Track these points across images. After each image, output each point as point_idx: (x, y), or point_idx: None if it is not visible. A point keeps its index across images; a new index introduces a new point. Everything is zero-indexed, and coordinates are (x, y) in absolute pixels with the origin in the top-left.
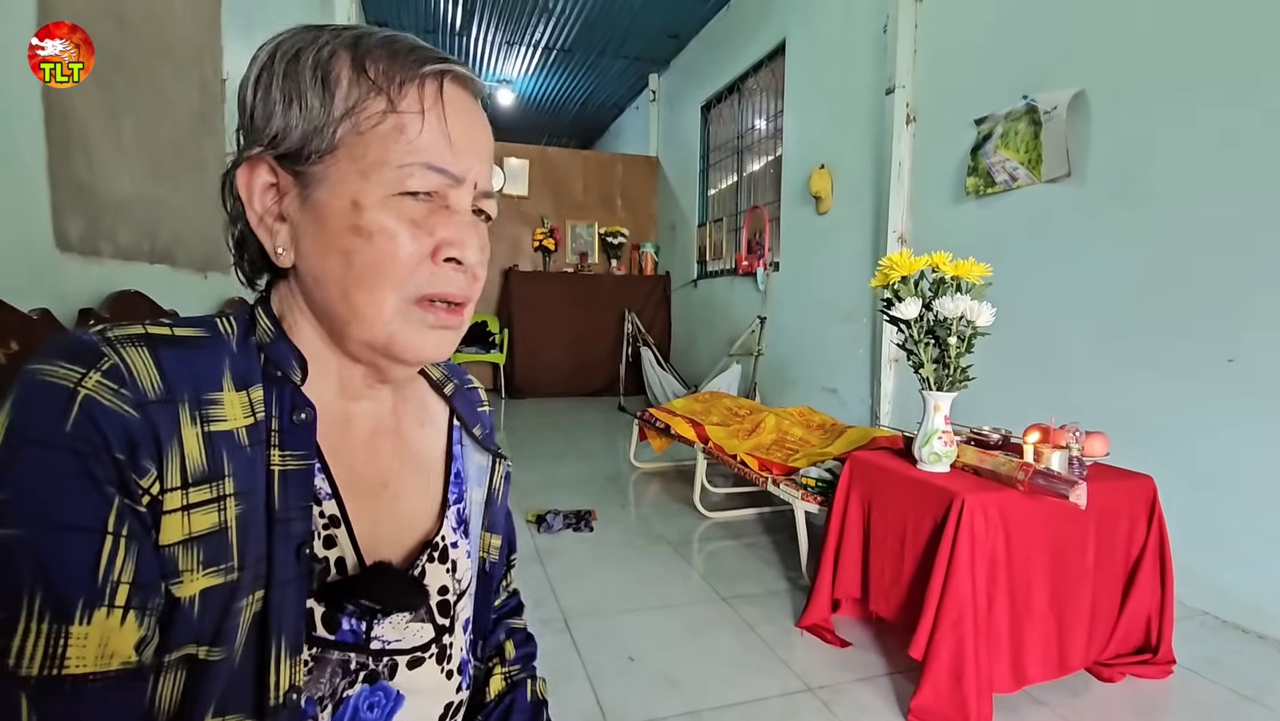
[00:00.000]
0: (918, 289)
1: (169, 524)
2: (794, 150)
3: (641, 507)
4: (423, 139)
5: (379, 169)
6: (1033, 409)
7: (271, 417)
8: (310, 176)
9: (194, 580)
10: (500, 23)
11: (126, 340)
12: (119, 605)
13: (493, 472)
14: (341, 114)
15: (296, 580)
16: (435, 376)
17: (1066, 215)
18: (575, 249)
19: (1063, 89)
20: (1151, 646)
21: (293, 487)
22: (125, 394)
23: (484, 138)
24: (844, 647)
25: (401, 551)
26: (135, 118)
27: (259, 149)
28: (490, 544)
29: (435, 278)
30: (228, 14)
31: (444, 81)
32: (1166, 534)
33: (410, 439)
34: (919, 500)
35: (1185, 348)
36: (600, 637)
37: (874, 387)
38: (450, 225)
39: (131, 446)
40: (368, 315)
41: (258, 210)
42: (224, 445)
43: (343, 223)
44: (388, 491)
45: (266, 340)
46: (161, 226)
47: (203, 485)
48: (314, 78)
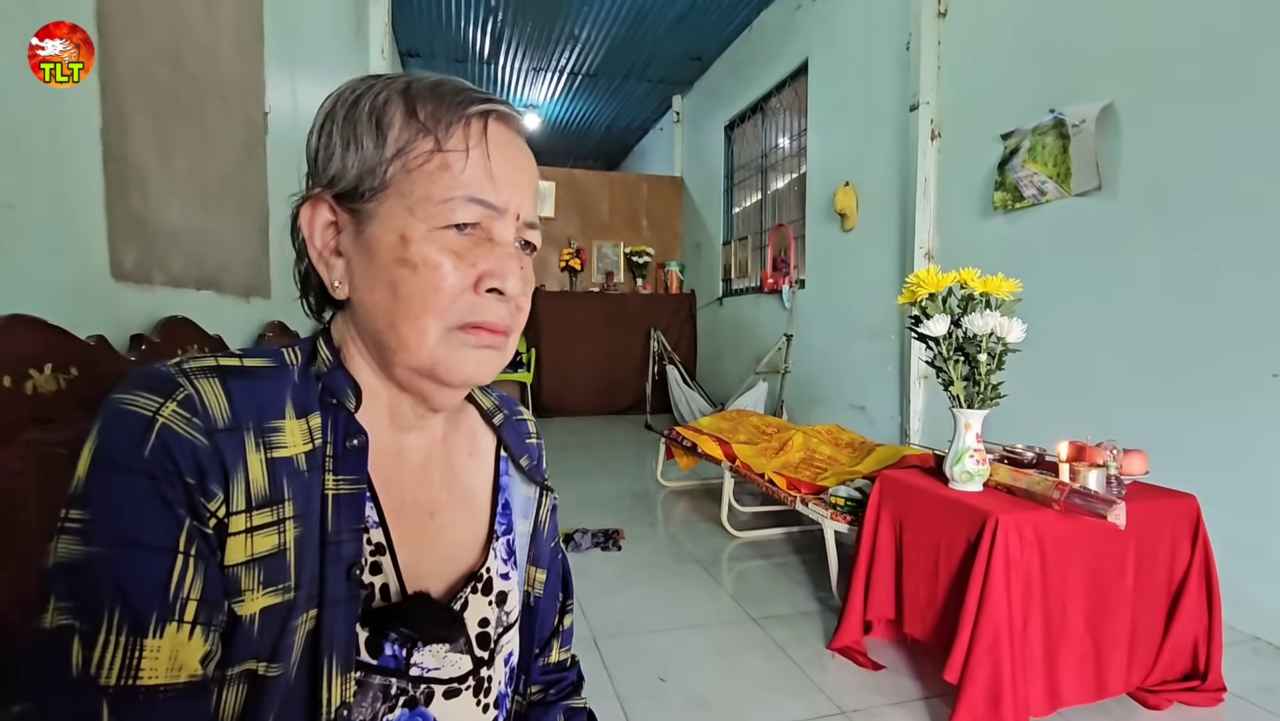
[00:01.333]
0: (946, 305)
1: (233, 545)
2: (818, 168)
3: (669, 526)
4: (466, 174)
5: (424, 204)
6: (1067, 426)
7: (327, 443)
8: (364, 214)
9: (254, 599)
10: (527, 51)
11: (200, 372)
12: (188, 620)
13: (539, 505)
14: (393, 154)
15: (346, 600)
16: (485, 406)
17: (1098, 229)
18: (601, 268)
19: (1091, 102)
20: (1200, 673)
21: (345, 511)
22: (197, 422)
23: (526, 172)
24: (877, 670)
25: (445, 581)
26: (185, 152)
27: (319, 189)
28: (535, 578)
29: (477, 307)
30: (270, 50)
31: (488, 120)
32: (1212, 555)
33: (459, 469)
34: (952, 520)
35: (1226, 362)
36: (630, 657)
37: (903, 405)
38: (492, 256)
39: (200, 472)
40: (411, 342)
41: (318, 246)
42: (284, 470)
43: (390, 255)
44: (434, 521)
45: (324, 369)
46: (208, 254)
47: (264, 509)
48: (369, 122)
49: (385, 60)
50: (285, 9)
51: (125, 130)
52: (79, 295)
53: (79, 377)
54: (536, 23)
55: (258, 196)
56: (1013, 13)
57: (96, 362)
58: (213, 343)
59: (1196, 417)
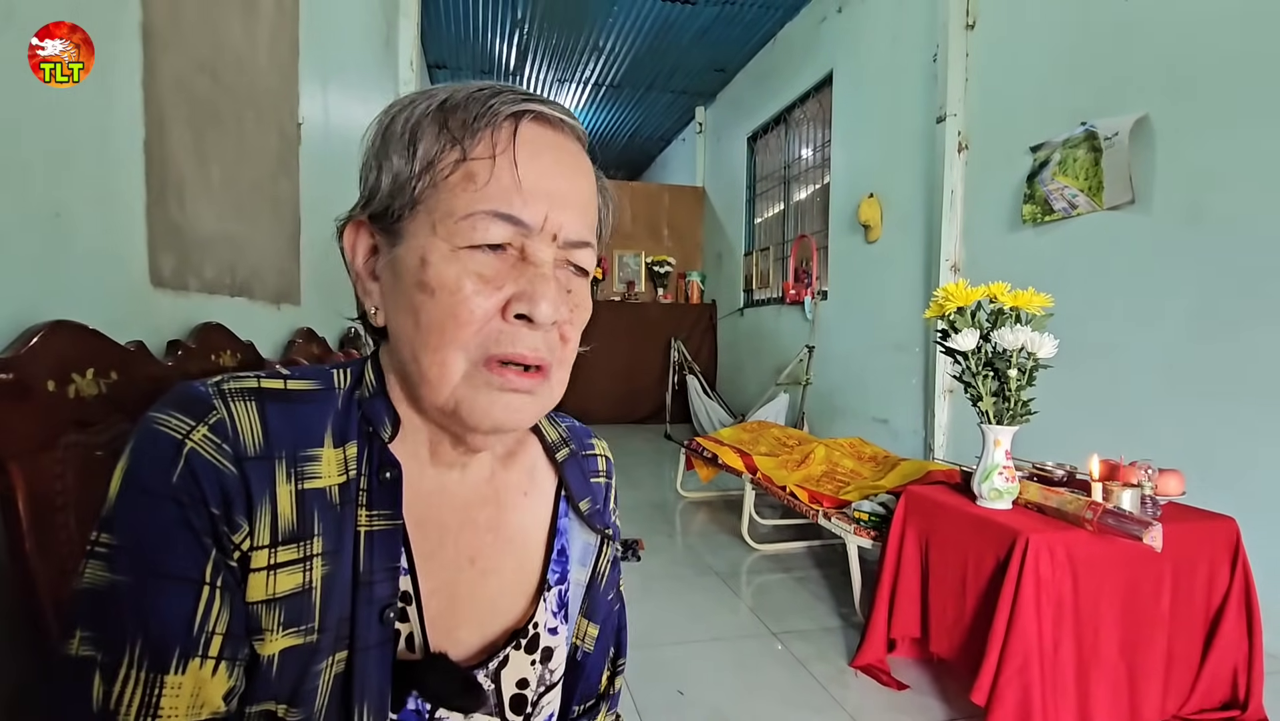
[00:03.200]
0: (975, 320)
1: (254, 581)
2: (842, 179)
3: (689, 537)
4: (491, 186)
5: (446, 221)
6: (1100, 444)
7: (361, 476)
8: (396, 235)
9: (274, 639)
10: (552, 62)
11: (238, 394)
12: (212, 655)
13: (600, 553)
14: (422, 169)
15: (379, 644)
16: (551, 438)
17: (1132, 243)
18: (623, 278)
19: (1124, 114)
20: (1239, 702)
21: (379, 549)
22: (226, 449)
23: (570, 181)
24: (901, 690)
25: (483, 635)
26: (221, 162)
27: (358, 210)
28: (587, 632)
29: (504, 336)
30: (304, 63)
31: (521, 123)
32: (1252, 580)
33: (510, 510)
34: (980, 538)
35: (1265, 379)
36: (649, 669)
37: (927, 419)
38: (523, 278)
39: (226, 501)
40: (433, 378)
41: (358, 269)
42: (316, 503)
43: (412, 279)
44: (475, 568)
45: (366, 395)
46: (241, 262)
47: (290, 544)
48: (403, 138)
49: (414, 72)
50: (319, 23)
51: (166, 140)
52: (120, 301)
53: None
54: (562, 34)
55: (290, 205)
56: (1043, 25)
57: (135, 367)
58: (244, 349)
59: (1235, 437)
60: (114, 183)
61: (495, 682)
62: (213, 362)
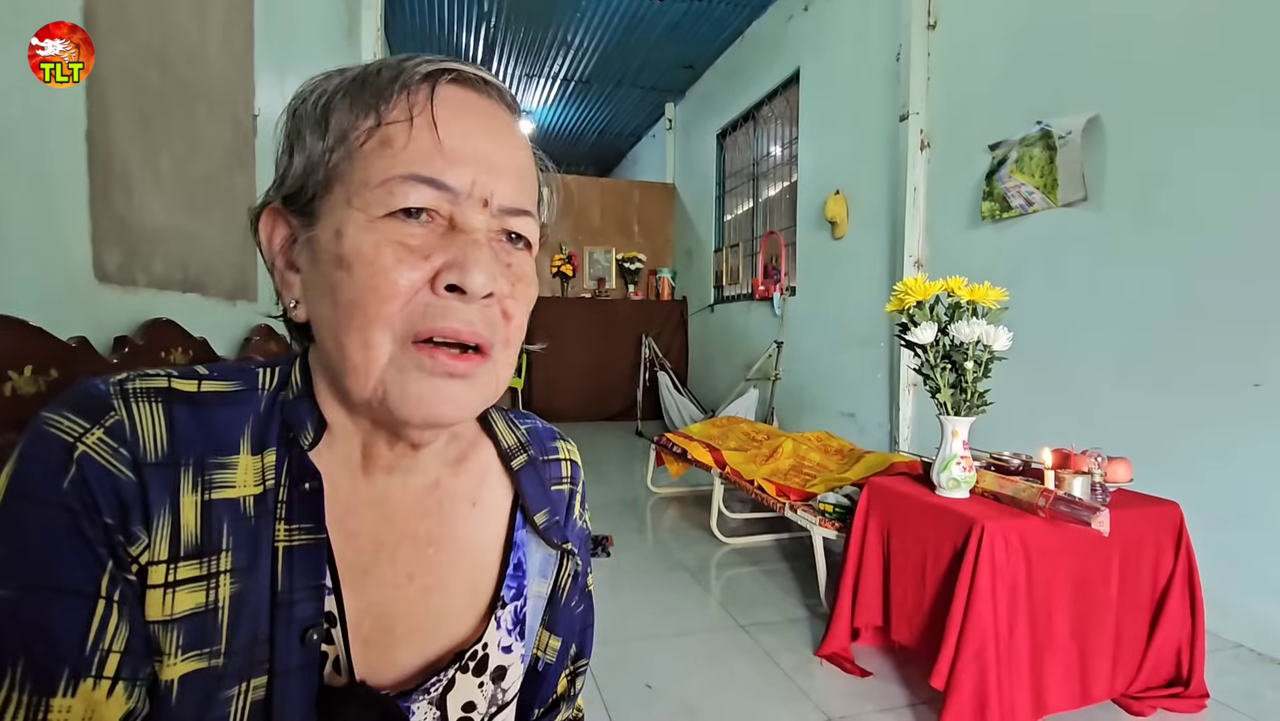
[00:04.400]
0: (933, 313)
1: (151, 599)
2: (809, 176)
3: (659, 533)
4: (409, 149)
5: (362, 190)
6: (1054, 434)
7: (280, 486)
8: (312, 215)
9: (173, 664)
10: (520, 56)
11: (142, 394)
12: (108, 675)
13: (560, 567)
14: (335, 141)
15: (302, 668)
16: (507, 444)
17: (1084, 239)
18: (593, 274)
19: (1077, 114)
20: (1183, 679)
21: (299, 566)
22: (124, 454)
23: (499, 144)
24: (864, 677)
25: (424, 656)
26: (171, 153)
27: (272, 194)
28: (549, 644)
29: (432, 310)
30: (260, 54)
31: (439, 83)
32: (1195, 563)
33: (455, 521)
34: (939, 526)
35: (1209, 372)
36: (617, 665)
37: (892, 412)
38: (453, 246)
39: (123, 510)
40: (357, 363)
41: (275, 263)
42: (226, 515)
43: (328, 256)
44: (414, 584)
45: (289, 398)
46: (193, 256)
47: (192, 560)
48: (314, 114)
49: None
50: (276, 13)
51: (110, 131)
52: (61, 297)
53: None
54: (529, 28)
55: (245, 199)
56: (1001, 26)
57: (78, 364)
58: (197, 345)
59: (1180, 426)
60: (53, 173)
61: (440, 708)
62: (162, 359)
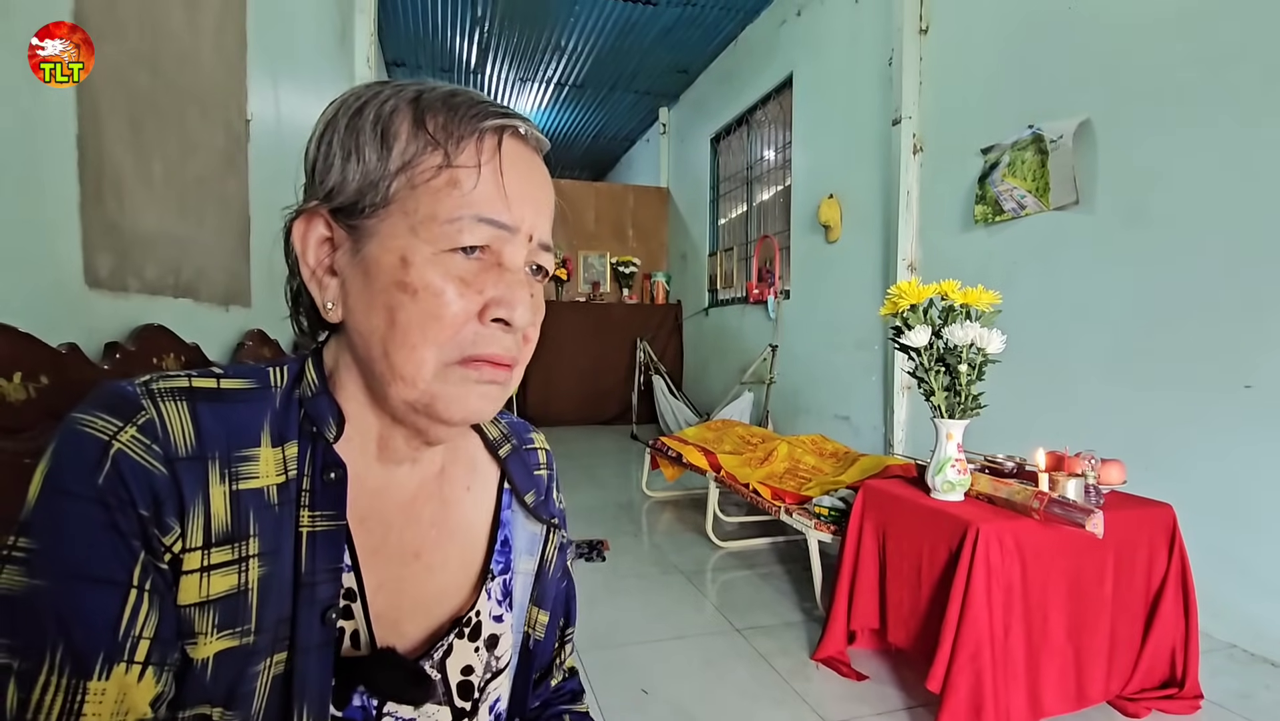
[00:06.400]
0: (927, 317)
1: (187, 584)
2: (803, 180)
3: (654, 537)
4: (477, 192)
5: (429, 224)
6: (1048, 436)
7: (304, 476)
8: (363, 230)
9: (208, 642)
10: (514, 61)
11: (168, 394)
12: (138, 660)
13: (546, 542)
14: (398, 168)
15: (321, 645)
16: (492, 435)
17: (1077, 242)
18: (588, 278)
19: (1068, 118)
20: (1177, 680)
21: (321, 549)
22: (156, 450)
23: (542, 190)
24: (860, 681)
25: (428, 626)
26: (163, 158)
27: (315, 202)
28: (537, 619)
29: (480, 338)
30: (253, 58)
31: (504, 136)
32: (1188, 564)
33: (453, 505)
34: (934, 529)
35: (1202, 373)
36: (613, 669)
37: (887, 415)
38: (501, 283)
39: (157, 503)
40: (407, 374)
41: (310, 264)
42: (252, 504)
43: (390, 278)
44: (420, 562)
45: (309, 394)
46: (186, 261)
47: (224, 546)
48: (374, 132)
49: (370, 69)
50: (269, 17)
51: (101, 135)
52: (52, 302)
53: (50, 386)
54: (523, 33)
55: (238, 204)
56: (992, 30)
57: (68, 371)
58: (190, 351)
59: (1172, 427)
60: (43, 178)
61: (441, 671)
62: (154, 365)
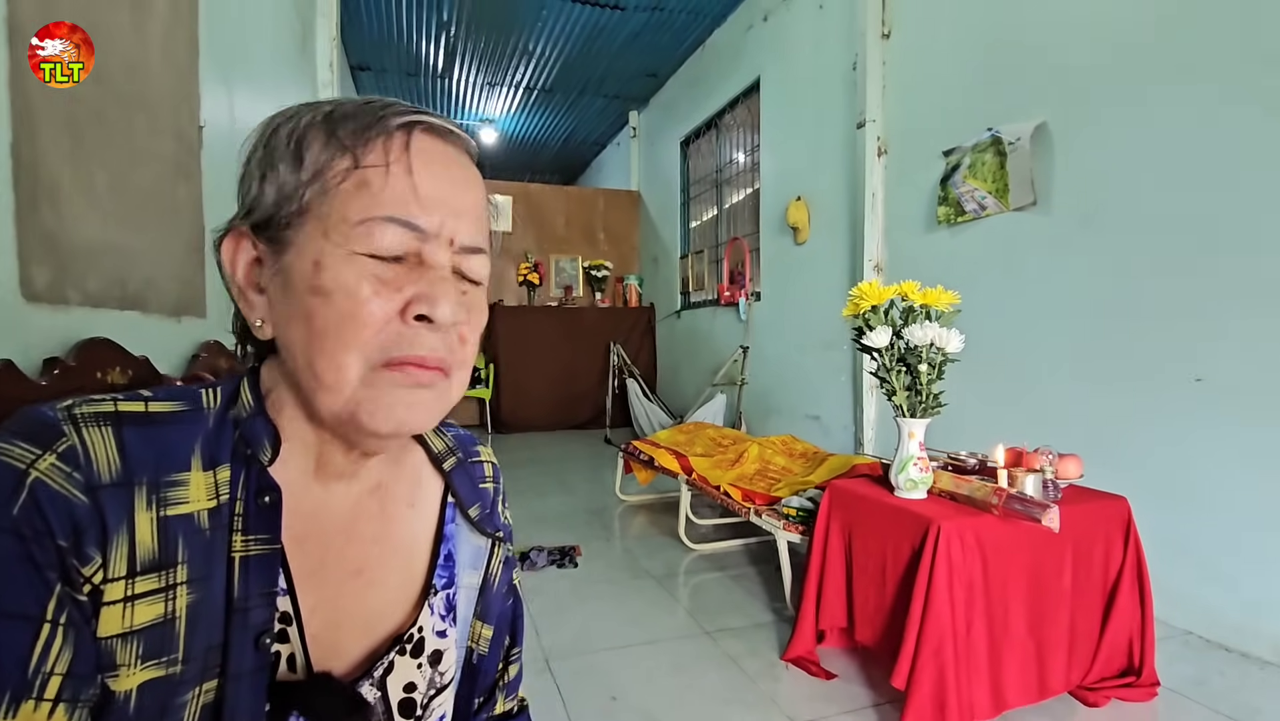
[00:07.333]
0: (888, 317)
1: (108, 615)
2: (771, 183)
3: (627, 541)
4: (386, 193)
5: (340, 226)
6: (1011, 432)
7: (236, 500)
8: (282, 243)
9: (131, 674)
10: (482, 65)
11: (91, 418)
12: (48, 698)
13: (491, 556)
14: (310, 177)
15: (254, 671)
16: (437, 448)
17: (1035, 242)
18: (560, 282)
19: (1025, 120)
20: (1135, 669)
21: (255, 574)
22: (77, 477)
23: (464, 191)
24: (829, 680)
25: (368, 644)
26: (107, 167)
27: (238, 220)
28: (480, 633)
29: (403, 338)
30: (205, 63)
31: (414, 133)
32: (1143, 554)
33: (395, 521)
34: (897, 527)
35: (1154, 368)
36: (582, 677)
37: (857, 414)
38: (423, 280)
39: (77, 533)
40: (329, 381)
41: (239, 281)
42: (181, 530)
43: (305, 284)
44: (360, 579)
45: (243, 415)
46: (133, 272)
47: (150, 574)
48: (288, 148)
49: (334, 74)
50: (223, 23)
51: (38, 145)
52: None
53: None
54: (490, 37)
55: (190, 212)
56: (952, 35)
57: (3, 388)
58: (138, 365)
59: (1128, 421)
60: None
61: (381, 689)
62: (98, 380)
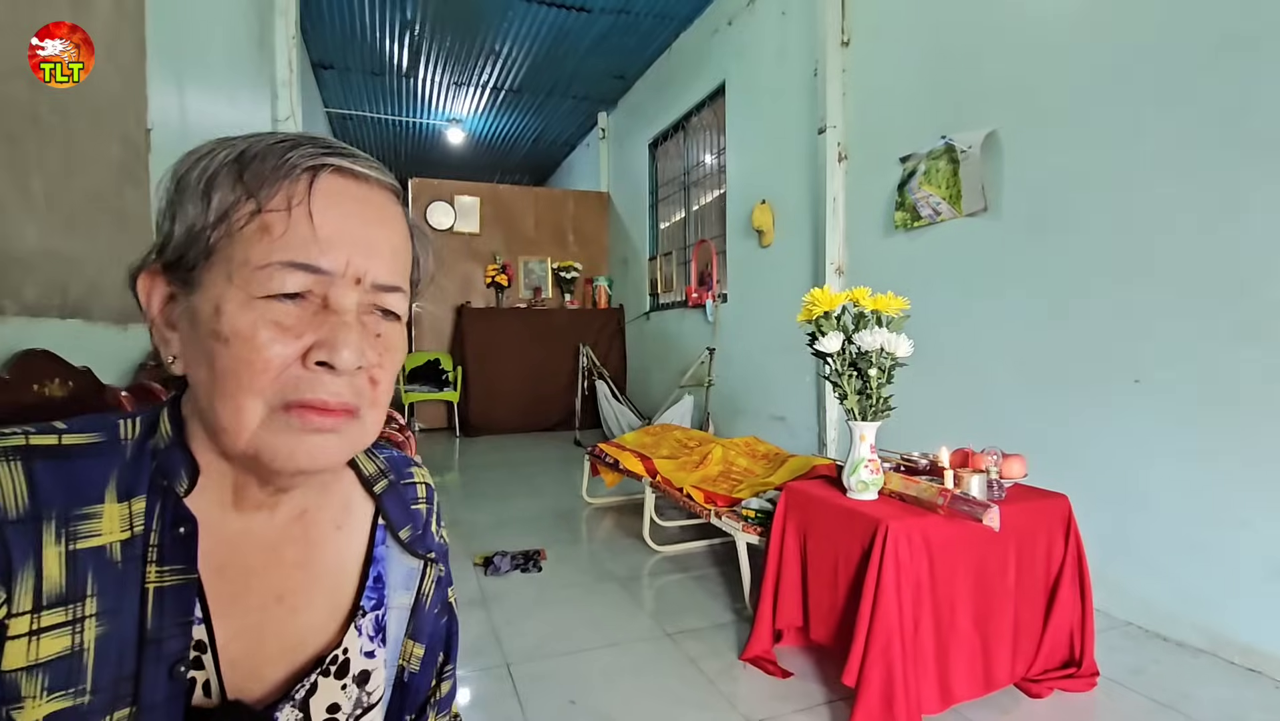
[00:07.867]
0: (840, 323)
1: (13, 649)
2: (737, 186)
3: (592, 545)
4: (287, 236)
5: (243, 270)
6: (963, 433)
7: (151, 531)
8: (191, 283)
9: (37, 705)
10: (448, 65)
11: (0, 454)
12: None
13: (423, 577)
14: (216, 219)
15: (168, 700)
16: (368, 471)
17: (985, 247)
18: (528, 284)
19: (977, 129)
20: (1076, 660)
21: (170, 604)
22: None
23: (375, 228)
24: (785, 678)
25: (290, 668)
26: (45, 174)
27: (152, 258)
28: (412, 652)
29: (302, 383)
30: (154, 64)
31: (320, 174)
32: (1083, 550)
33: (320, 544)
34: (848, 528)
35: (1095, 370)
36: (541, 682)
37: (820, 415)
38: (324, 326)
39: None
40: (228, 425)
41: (154, 317)
42: (91, 563)
43: (206, 328)
44: (283, 605)
45: (161, 446)
46: (74, 279)
47: (57, 608)
48: (198, 187)
49: (293, 72)
50: (172, 23)
51: None
52: None
53: None
54: (455, 37)
55: (139, 217)
56: (908, 44)
57: None
58: (79, 376)
59: (1069, 421)
60: None
61: (304, 710)
62: (35, 393)
